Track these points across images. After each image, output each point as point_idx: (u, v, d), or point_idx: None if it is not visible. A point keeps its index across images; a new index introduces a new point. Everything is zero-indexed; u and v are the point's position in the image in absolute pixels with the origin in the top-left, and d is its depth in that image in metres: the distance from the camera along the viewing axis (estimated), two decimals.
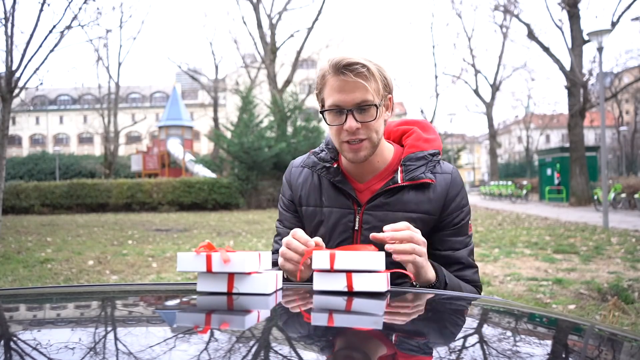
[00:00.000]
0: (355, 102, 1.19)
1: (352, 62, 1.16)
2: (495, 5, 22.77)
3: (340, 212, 1.32)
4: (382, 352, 0.63)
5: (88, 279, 5.87)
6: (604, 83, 12.59)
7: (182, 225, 13.58)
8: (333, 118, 1.23)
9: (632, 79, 26.53)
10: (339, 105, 1.20)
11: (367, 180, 1.33)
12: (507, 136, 67.44)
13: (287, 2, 23.99)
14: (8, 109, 8.86)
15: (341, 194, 1.33)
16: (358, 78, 1.17)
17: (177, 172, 27.64)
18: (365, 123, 1.21)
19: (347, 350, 0.63)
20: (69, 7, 9.45)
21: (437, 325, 0.78)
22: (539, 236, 9.21)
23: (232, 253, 0.90)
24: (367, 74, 1.17)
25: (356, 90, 1.18)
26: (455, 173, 1.34)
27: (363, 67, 1.17)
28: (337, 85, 1.19)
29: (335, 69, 1.18)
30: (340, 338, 0.69)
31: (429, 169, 1.30)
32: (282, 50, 25.00)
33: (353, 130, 1.20)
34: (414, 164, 1.30)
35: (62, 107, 62.04)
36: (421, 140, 1.35)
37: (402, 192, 1.29)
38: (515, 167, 53.28)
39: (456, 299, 0.98)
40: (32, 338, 0.67)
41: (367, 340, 0.68)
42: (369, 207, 1.30)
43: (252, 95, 22.34)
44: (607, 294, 4.61)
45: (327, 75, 1.22)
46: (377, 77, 1.20)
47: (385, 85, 1.23)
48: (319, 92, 1.26)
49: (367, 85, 1.17)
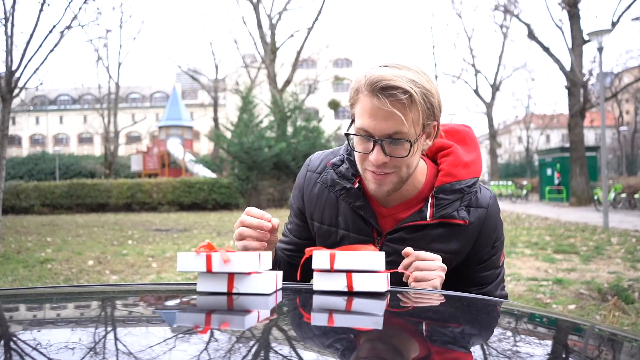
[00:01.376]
0: (386, 133, 1.03)
1: (391, 86, 0.99)
2: (495, 5, 22.77)
3: (357, 238, 1.19)
4: (382, 352, 0.63)
5: (88, 279, 5.87)
6: (604, 83, 12.59)
7: (182, 225, 13.59)
8: (360, 144, 1.08)
9: (632, 79, 26.54)
10: (368, 131, 1.04)
11: (392, 206, 1.18)
12: (507, 136, 67.44)
13: (287, 2, 24.00)
14: (8, 109, 8.86)
15: (361, 219, 1.19)
16: (395, 107, 0.99)
17: (177, 172, 27.64)
18: (395, 158, 1.05)
19: (347, 350, 0.63)
20: (69, 7, 9.46)
21: (437, 325, 0.78)
22: (539, 236, 9.21)
23: (232, 253, 0.90)
24: (408, 101, 1.00)
25: (390, 120, 1.01)
26: (493, 206, 1.19)
27: (404, 92, 0.99)
28: (370, 108, 1.02)
29: (370, 89, 1.01)
30: (340, 338, 0.69)
31: (464, 205, 1.15)
32: (282, 50, 25.03)
33: (379, 163, 1.05)
34: (448, 197, 1.14)
35: (62, 107, 62.05)
36: (460, 166, 1.16)
37: (430, 227, 1.15)
38: (515, 167, 53.30)
39: (456, 299, 0.98)
40: (32, 338, 0.67)
41: (367, 340, 0.68)
42: (390, 239, 1.17)
43: (252, 95, 22.33)
44: (607, 294, 4.61)
45: (360, 91, 1.05)
46: (420, 105, 1.02)
47: (431, 113, 1.05)
48: (351, 105, 1.10)
49: (403, 117, 1.00)
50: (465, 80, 35.93)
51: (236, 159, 20.93)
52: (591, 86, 19.19)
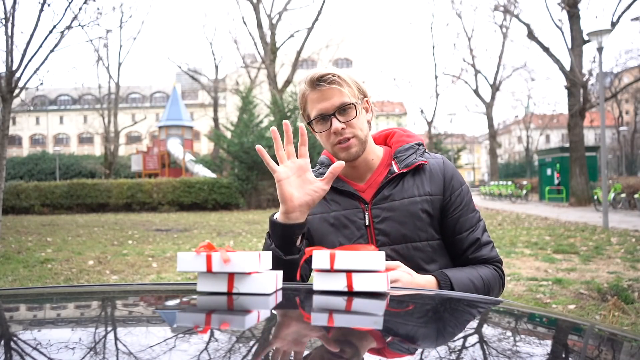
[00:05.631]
0: (335, 106, 1.29)
1: (323, 74, 1.29)
2: (495, 5, 22.77)
3: (348, 212, 1.37)
4: (382, 352, 0.63)
5: (88, 279, 5.87)
6: (604, 83, 12.59)
7: (182, 225, 13.59)
8: (320, 126, 1.33)
9: (632, 79, 26.55)
10: (322, 113, 1.31)
11: (366, 180, 1.40)
12: (507, 136, 67.45)
13: (287, 2, 23.98)
14: (8, 109, 8.86)
15: (346, 197, 1.39)
16: (332, 85, 1.28)
17: (177, 172, 27.65)
18: (348, 122, 1.30)
19: (347, 350, 0.63)
20: (69, 7, 9.45)
21: (437, 326, 0.78)
22: (539, 236, 9.21)
23: (232, 253, 0.90)
24: (340, 80, 1.29)
25: (333, 96, 1.29)
26: (445, 158, 1.43)
27: (334, 75, 1.28)
28: (316, 97, 1.31)
29: (311, 84, 1.30)
30: (340, 338, 0.69)
31: (419, 154, 1.40)
32: (282, 50, 25.00)
33: (339, 130, 1.30)
34: (405, 153, 1.39)
35: (62, 107, 62.06)
36: (404, 136, 1.45)
37: (402, 181, 1.36)
38: (515, 167, 53.28)
39: (456, 299, 0.98)
40: (32, 338, 0.67)
41: (367, 340, 0.68)
42: (375, 201, 1.36)
43: (252, 95, 22.35)
44: (607, 294, 4.61)
45: (306, 93, 1.33)
46: (350, 82, 1.31)
47: (359, 89, 1.33)
48: (304, 110, 1.36)
49: (341, 89, 1.28)
50: (465, 80, 35.93)
51: (236, 159, 20.93)
52: (591, 86, 19.16)
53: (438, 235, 1.36)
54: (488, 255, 1.37)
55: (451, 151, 34.81)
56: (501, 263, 1.41)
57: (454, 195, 1.37)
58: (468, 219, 1.37)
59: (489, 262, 1.37)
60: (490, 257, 1.38)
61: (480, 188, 37.64)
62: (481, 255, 1.37)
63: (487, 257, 1.37)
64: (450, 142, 40.12)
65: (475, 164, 75.16)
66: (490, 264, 1.38)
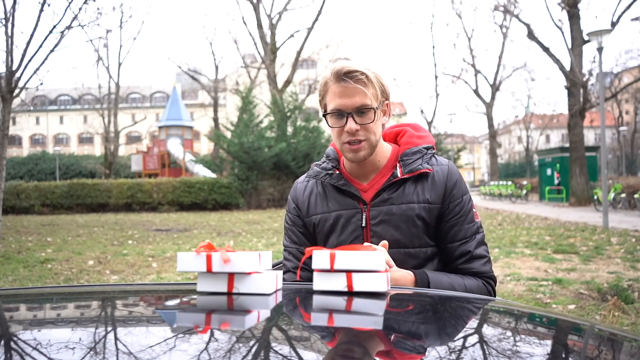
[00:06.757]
0: (355, 106, 1.28)
1: (352, 70, 1.26)
2: (495, 5, 22.76)
3: (347, 212, 1.38)
4: (382, 352, 0.63)
5: (88, 279, 5.87)
6: (604, 83, 12.59)
7: (182, 225, 13.59)
8: (335, 121, 1.32)
9: (632, 79, 26.54)
10: (340, 109, 1.29)
11: (370, 180, 1.40)
12: (507, 136, 67.44)
13: (287, 2, 23.98)
14: (8, 109, 8.86)
15: (346, 196, 1.39)
16: (357, 84, 1.26)
17: (177, 172, 27.63)
18: (364, 125, 1.29)
19: (347, 350, 0.63)
20: (69, 8, 9.44)
21: (437, 326, 0.78)
22: (539, 236, 9.21)
23: (232, 253, 0.90)
24: (366, 80, 1.27)
25: (356, 95, 1.27)
26: (452, 165, 1.41)
27: (362, 74, 1.26)
28: (339, 91, 1.28)
29: (336, 77, 1.28)
30: (340, 338, 0.69)
31: (425, 160, 1.38)
32: (282, 50, 24.99)
33: (353, 131, 1.29)
34: (411, 157, 1.38)
35: (62, 107, 62.01)
36: (414, 137, 1.43)
37: (404, 186, 1.35)
38: (515, 167, 53.23)
39: (456, 299, 0.98)
40: (32, 338, 0.67)
41: (367, 340, 0.68)
42: (374, 203, 1.36)
43: (252, 95, 22.32)
44: (607, 294, 4.61)
45: (329, 83, 1.31)
46: (375, 83, 1.29)
47: (383, 91, 1.32)
48: (322, 98, 1.35)
49: (365, 90, 1.27)
50: (465, 80, 35.92)
51: (236, 159, 20.92)
52: (591, 86, 19.16)
53: (432, 243, 1.36)
54: (479, 269, 1.35)
55: (451, 151, 34.74)
56: (494, 280, 1.38)
57: (453, 204, 1.36)
58: (463, 229, 1.36)
59: (479, 276, 1.35)
60: (482, 271, 1.35)
61: (480, 188, 37.65)
62: (471, 267, 1.34)
63: (477, 270, 1.35)
64: (450, 142, 40.09)
65: (475, 164, 75.15)
66: (481, 278, 1.35)
